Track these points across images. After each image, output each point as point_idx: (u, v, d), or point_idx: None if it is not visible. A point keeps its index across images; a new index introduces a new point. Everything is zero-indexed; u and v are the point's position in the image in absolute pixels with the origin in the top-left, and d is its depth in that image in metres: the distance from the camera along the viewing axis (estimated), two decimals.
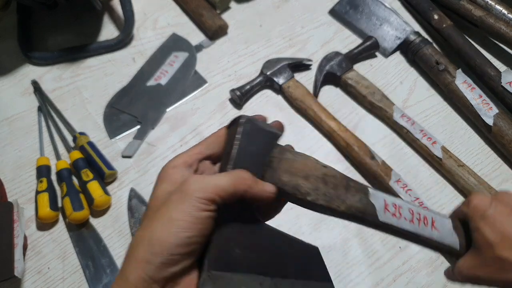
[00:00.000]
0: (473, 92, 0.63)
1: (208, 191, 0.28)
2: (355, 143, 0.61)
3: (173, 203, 0.29)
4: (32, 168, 0.62)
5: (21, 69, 0.72)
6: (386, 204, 0.34)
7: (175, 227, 0.28)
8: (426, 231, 0.34)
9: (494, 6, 0.72)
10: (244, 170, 0.31)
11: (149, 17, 0.78)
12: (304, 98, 0.65)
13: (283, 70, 0.68)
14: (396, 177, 0.58)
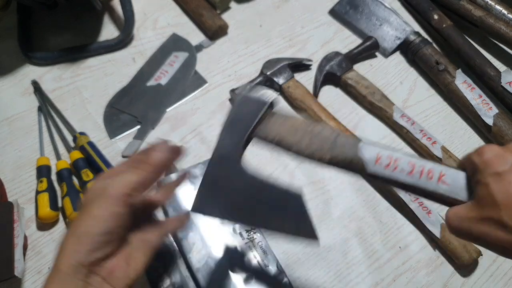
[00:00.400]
0: (473, 92, 0.63)
1: (122, 188, 0.34)
2: None
3: (93, 202, 0.34)
4: (32, 168, 0.62)
5: (21, 69, 0.72)
6: (379, 157, 0.35)
7: (96, 221, 0.34)
8: (430, 184, 0.34)
9: (494, 6, 0.72)
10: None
11: (149, 17, 0.78)
12: (304, 98, 0.65)
13: (283, 70, 0.68)
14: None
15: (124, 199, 0.34)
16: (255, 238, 0.55)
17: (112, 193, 0.34)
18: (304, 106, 0.65)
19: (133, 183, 0.35)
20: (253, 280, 0.52)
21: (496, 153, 0.30)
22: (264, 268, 0.52)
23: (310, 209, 0.40)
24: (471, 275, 0.54)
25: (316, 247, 0.54)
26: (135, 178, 0.35)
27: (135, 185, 0.35)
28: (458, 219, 0.32)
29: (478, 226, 0.30)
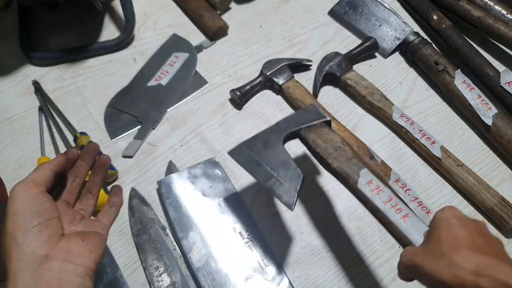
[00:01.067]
0: (472, 92, 0.63)
1: (28, 183, 0.36)
2: (354, 143, 0.61)
3: (8, 207, 0.35)
4: (33, 168, 0.62)
5: (22, 69, 0.73)
6: (371, 182, 0.46)
7: (20, 213, 0.34)
8: (395, 217, 0.43)
9: (493, 7, 0.72)
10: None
11: (149, 18, 0.78)
12: (303, 98, 0.66)
13: (283, 71, 0.68)
14: (395, 177, 0.58)
15: (34, 188, 0.36)
16: (255, 238, 0.55)
17: (18, 187, 0.36)
18: (304, 106, 0.65)
19: (35, 177, 0.37)
20: (253, 279, 0.52)
21: (453, 210, 0.37)
22: (264, 267, 0.53)
23: (310, 209, 0.54)
24: None
25: (290, 212, 0.57)
26: (34, 174, 0.37)
27: (38, 179, 0.37)
28: (409, 253, 0.37)
29: (424, 257, 0.35)
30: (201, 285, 0.51)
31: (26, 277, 0.33)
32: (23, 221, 0.34)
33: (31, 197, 0.35)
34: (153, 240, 0.55)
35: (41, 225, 0.34)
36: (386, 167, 0.58)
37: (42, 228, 0.34)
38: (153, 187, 0.60)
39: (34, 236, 0.34)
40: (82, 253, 0.36)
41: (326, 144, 0.51)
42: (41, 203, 0.35)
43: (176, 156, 0.63)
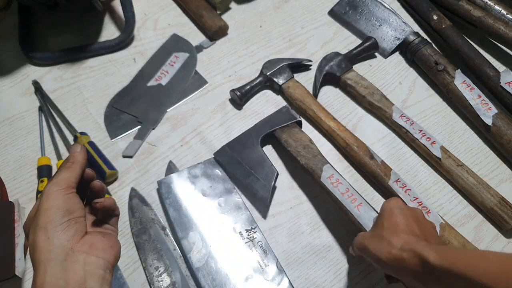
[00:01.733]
0: (472, 92, 0.63)
1: (62, 184, 0.39)
2: (354, 142, 0.61)
3: (42, 203, 0.38)
4: (33, 167, 0.62)
5: (22, 70, 0.73)
6: (331, 176, 0.55)
7: (53, 209, 0.37)
8: (349, 205, 0.53)
9: (493, 7, 0.72)
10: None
11: (149, 18, 0.78)
12: (303, 98, 0.66)
13: (283, 71, 0.68)
14: (395, 177, 0.58)
15: (67, 190, 0.39)
16: (255, 238, 0.55)
17: (53, 187, 0.39)
18: (303, 106, 0.65)
19: (69, 177, 0.40)
20: (253, 279, 0.52)
21: (397, 201, 0.45)
22: (264, 267, 0.53)
23: (310, 210, 0.58)
24: None
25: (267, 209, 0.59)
26: (68, 174, 0.40)
27: (72, 179, 0.40)
28: (360, 237, 0.45)
29: (370, 240, 0.43)
30: (201, 285, 0.51)
31: (55, 267, 0.35)
32: (55, 217, 0.37)
33: (65, 197, 0.38)
34: (153, 240, 0.55)
35: (70, 221, 0.38)
36: (386, 167, 0.59)
37: (71, 224, 0.37)
38: (153, 187, 0.60)
39: (63, 230, 0.37)
40: (104, 247, 0.39)
41: (296, 143, 0.59)
42: (73, 203, 0.39)
43: (176, 156, 0.63)
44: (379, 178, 0.58)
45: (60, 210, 0.37)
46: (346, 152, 0.62)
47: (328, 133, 0.63)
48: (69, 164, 0.41)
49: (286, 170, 0.62)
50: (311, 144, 0.59)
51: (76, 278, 0.35)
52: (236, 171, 0.59)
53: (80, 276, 0.35)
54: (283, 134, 0.60)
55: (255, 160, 0.59)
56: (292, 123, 0.62)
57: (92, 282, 0.36)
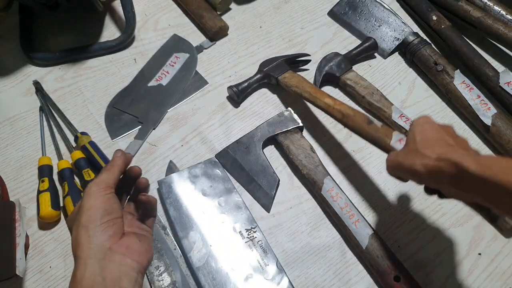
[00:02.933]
0: (471, 92, 0.63)
1: (101, 184, 0.41)
2: (350, 112, 0.57)
3: (83, 202, 0.40)
4: (34, 167, 0.62)
5: (23, 70, 0.73)
6: (332, 190, 0.57)
7: (93, 209, 0.39)
8: (348, 221, 0.54)
9: (493, 7, 0.72)
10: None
11: (150, 18, 0.79)
12: (299, 84, 0.64)
13: (280, 66, 0.68)
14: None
15: (106, 190, 0.41)
16: (255, 237, 0.55)
17: (94, 187, 0.41)
18: (299, 90, 0.63)
19: (108, 178, 0.43)
20: (253, 279, 0.52)
21: (426, 117, 0.45)
22: (264, 267, 0.53)
23: (310, 209, 0.59)
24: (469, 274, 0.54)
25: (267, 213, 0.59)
26: (107, 176, 0.43)
27: (110, 180, 0.42)
28: (393, 156, 0.45)
29: (405, 156, 0.43)
30: (202, 285, 0.51)
31: (94, 264, 0.37)
32: (95, 216, 0.39)
33: (104, 197, 0.41)
34: (153, 240, 0.56)
35: (109, 222, 0.40)
36: (387, 129, 0.53)
37: (110, 224, 0.39)
38: (154, 187, 0.61)
39: (103, 230, 0.39)
40: (139, 250, 0.40)
41: (298, 151, 0.60)
42: (111, 204, 0.41)
43: (177, 156, 0.64)
44: (380, 142, 0.53)
45: (100, 210, 0.39)
46: (346, 124, 0.57)
47: (326, 109, 0.60)
48: (109, 166, 0.43)
49: (286, 170, 0.62)
50: (312, 153, 0.60)
51: (112, 277, 0.37)
52: (238, 176, 0.60)
53: (116, 275, 0.37)
54: (285, 140, 0.61)
55: (257, 167, 0.60)
56: (294, 129, 0.62)
57: (126, 282, 0.38)
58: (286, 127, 0.62)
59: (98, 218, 0.39)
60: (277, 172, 0.61)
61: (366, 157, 0.63)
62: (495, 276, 0.54)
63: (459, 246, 0.56)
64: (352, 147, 0.64)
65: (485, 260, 0.55)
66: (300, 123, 0.62)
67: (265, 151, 0.63)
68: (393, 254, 0.53)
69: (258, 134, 0.62)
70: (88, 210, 0.39)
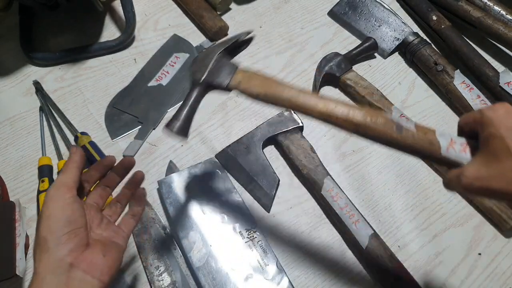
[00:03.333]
0: (471, 92, 0.64)
1: (61, 188, 0.38)
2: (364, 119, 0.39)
3: (43, 209, 0.37)
4: (33, 167, 0.62)
5: (23, 70, 0.73)
6: (331, 190, 0.57)
7: (53, 218, 0.36)
8: (348, 221, 0.54)
9: (493, 7, 0.72)
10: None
11: (150, 18, 0.79)
12: (267, 89, 0.43)
13: (221, 66, 0.46)
14: (446, 141, 0.47)
15: (66, 193, 0.38)
16: (255, 237, 0.55)
17: (53, 191, 0.38)
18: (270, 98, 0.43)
19: (66, 179, 0.39)
20: (253, 279, 0.52)
21: (508, 110, 0.32)
22: (264, 267, 0.53)
23: (310, 209, 0.59)
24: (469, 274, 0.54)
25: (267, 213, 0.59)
26: (65, 176, 0.40)
27: (69, 180, 0.39)
28: (478, 179, 0.32)
29: (499, 180, 0.30)
30: (202, 285, 0.51)
31: (53, 281, 0.35)
32: (55, 227, 0.36)
33: (64, 203, 0.37)
34: (153, 240, 0.56)
35: (71, 233, 0.36)
36: (425, 130, 0.38)
37: (71, 236, 0.36)
38: (154, 187, 0.60)
39: (64, 243, 0.36)
40: (102, 268, 0.38)
41: (298, 151, 0.60)
42: (73, 211, 0.37)
43: (177, 156, 0.64)
44: (424, 151, 0.38)
45: (61, 219, 0.36)
46: (362, 135, 0.40)
47: (323, 119, 0.41)
48: (65, 166, 0.40)
49: (286, 170, 0.62)
50: (312, 153, 0.60)
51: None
52: (238, 176, 0.60)
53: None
54: (285, 140, 0.61)
55: (257, 167, 0.60)
56: (294, 129, 0.62)
57: None
58: (286, 127, 0.62)
59: (58, 229, 0.36)
60: (277, 172, 0.61)
61: (366, 157, 0.63)
62: (495, 276, 0.54)
63: (459, 246, 0.56)
64: (352, 147, 0.64)
65: (485, 260, 0.55)
66: (300, 123, 0.62)
67: (265, 151, 0.63)
68: (393, 254, 0.53)
69: (258, 134, 0.62)
70: (48, 219, 0.36)
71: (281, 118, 0.63)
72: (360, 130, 0.39)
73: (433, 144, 0.37)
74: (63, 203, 0.37)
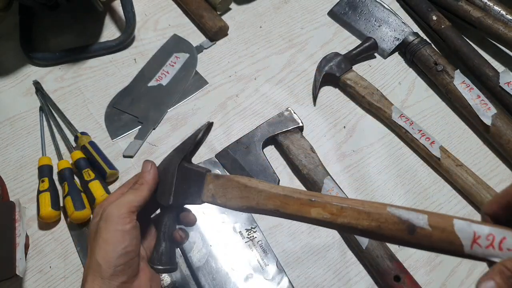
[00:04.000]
0: (471, 92, 0.63)
1: (123, 208, 0.37)
2: (370, 223, 0.34)
3: (102, 228, 0.36)
4: (34, 167, 0.62)
5: (23, 70, 0.73)
6: (331, 190, 0.54)
7: (111, 245, 0.35)
8: None
9: (493, 7, 0.72)
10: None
11: (150, 18, 0.79)
12: (244, 199, 0.38)
13: (186, 179, 0.40)
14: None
15: (128, 217, 0.36)
16: (255, 237, 0.55)
17: (115, 210, 0.37)
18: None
19: (133, 201, 0.37)
20: (253, 278, 0.52)
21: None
22: (264, 267, 0.53)
23: None
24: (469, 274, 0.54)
25: None
26: (133, 197, 0.38)
27: (135, 203, 0.37)
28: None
29: None
30: (201, 285, 0.51)
31: None
32: (112, 256, 0.36)
33: (124, 230, 0.36)
34: None
35: (126, 265, 0.36)
36: (443, 224, 0.32)
37: (126, 268, 0.36)
38: None
39: (118, 275, 0.36)
40: None
41: (298, 151, 0.59)
42: (131, 240, 0.37)
43: None
44: (445, 251, 0.33)
45: (118, 249, 0.35)
46: (369, 238, 0.43)
47: (319, 225, 0.37)
48: (137, 185, 0.38)
49: (286, 170, 0.62)
50: (312, 153, 0.60)
51: None
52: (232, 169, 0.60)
53: None
54: (285, 140, 0.61)
55: (257, 167, 0.60)
56: (294, 129, 0.62)
57: None
58: (286, 127, 0.62)
59: (114, 259, 0.35)
60: (277, 172, 0.61)
61: (366, 157, 0.63)
62: None
63: None
64: (352, 147, 0.64)
65: None
66: (300, 123, 0.62)
67: (265, 151, 0.63)
68: (393, 254, 0.53)
69: (258, 134, 0.62)
70: (105, 243, 0.36)
71: (281, 118, 0.63)
72: (366, 235, 0.35)
73: (454, 244, 0.32)
74: (122, 229, 0.36)
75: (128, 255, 0.36)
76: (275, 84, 0.70)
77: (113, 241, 0.36)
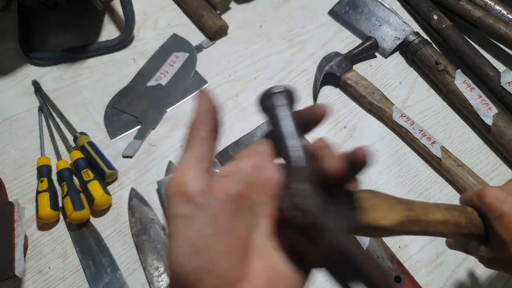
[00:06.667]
0: (472, 92, 0.63)
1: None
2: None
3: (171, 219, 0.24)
4: (32, 168, 0.62)
5: (22, 70, 0.73)
6: None
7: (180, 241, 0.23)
8: None
9: (494, 7, 0.72)
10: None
11: (149, 18, 0.78)
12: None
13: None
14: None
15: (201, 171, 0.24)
16: None
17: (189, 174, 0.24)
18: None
19: (206, 156, 0.25)
20: None
21: (494, 196, 0.32)
22: None
23: None
24: (470, 275, 0.54)
25: None
26: (203, 148, 0.25)
27: (208, 157, 0.25)
28: (487, 260, 0.34)
29: (499, 264, 0.33)
30: None
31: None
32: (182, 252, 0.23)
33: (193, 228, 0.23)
34: (153, 240, 0.55)
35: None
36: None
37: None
38: (153, 187, 0.60)
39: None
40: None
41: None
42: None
43: (176, 156, 0.63)
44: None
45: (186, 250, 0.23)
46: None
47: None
48: (204, 132, 0.25)
49: None
50: None
51: None
52: None
53: None
54: None
55: None
56: None
57: None
58: None
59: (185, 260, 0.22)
60: None
61: None
62: (496, 277, 0.54)
63: None
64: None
65: None
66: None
67: None
68: (393, 255, 0.53)
69: (258, 134, 0.62)
70: (175, 237, 0.23)
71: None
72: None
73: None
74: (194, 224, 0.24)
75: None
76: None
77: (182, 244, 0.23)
